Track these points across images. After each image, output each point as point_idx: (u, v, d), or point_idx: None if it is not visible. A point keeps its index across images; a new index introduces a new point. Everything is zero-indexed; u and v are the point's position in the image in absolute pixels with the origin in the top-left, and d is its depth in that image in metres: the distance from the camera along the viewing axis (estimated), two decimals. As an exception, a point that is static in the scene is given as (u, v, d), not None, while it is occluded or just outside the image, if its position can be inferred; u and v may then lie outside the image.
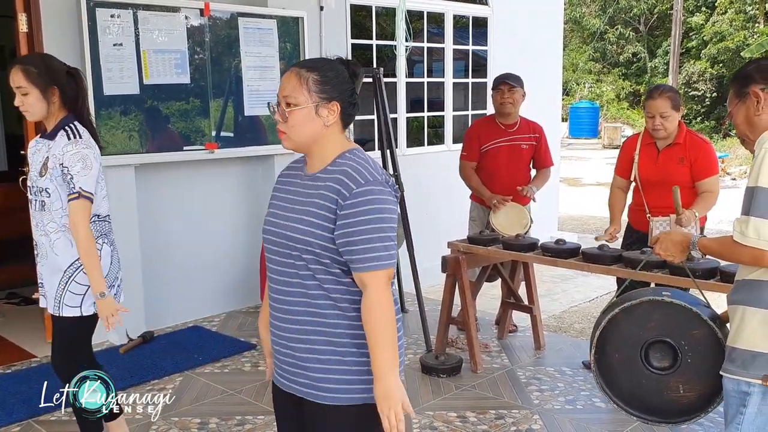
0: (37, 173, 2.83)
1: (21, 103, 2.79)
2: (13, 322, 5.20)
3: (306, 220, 1.86)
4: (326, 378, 1.89)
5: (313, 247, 1.84)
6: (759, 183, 2.00)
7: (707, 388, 2.45)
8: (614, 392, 2.72)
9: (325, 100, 1.88)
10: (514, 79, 4.61)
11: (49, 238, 2.83)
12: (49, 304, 2.89)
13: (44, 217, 2.83)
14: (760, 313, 2.07)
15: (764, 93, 2.16)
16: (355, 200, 1.81)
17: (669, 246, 2.42)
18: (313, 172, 1.94)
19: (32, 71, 2.76)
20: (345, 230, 1.81)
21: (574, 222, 10.22)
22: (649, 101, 3.82)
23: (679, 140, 3.86)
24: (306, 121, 1.87)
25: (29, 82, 2.75)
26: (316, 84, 1.87)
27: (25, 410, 3.73)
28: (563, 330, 5.36)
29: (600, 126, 25.12)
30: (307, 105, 1.86)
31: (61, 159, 2.75)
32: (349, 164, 1.87)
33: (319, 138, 1.90)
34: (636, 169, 3.96)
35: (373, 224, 1.81)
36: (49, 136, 2.84)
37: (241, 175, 5.52)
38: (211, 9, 4.99)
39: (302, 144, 1.92)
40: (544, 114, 6.60)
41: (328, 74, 1.89)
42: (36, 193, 2.84)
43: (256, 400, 3.90)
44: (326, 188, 1.86)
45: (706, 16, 24.83)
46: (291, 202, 1.94)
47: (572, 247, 3.86)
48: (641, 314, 2.60)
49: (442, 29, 7.14)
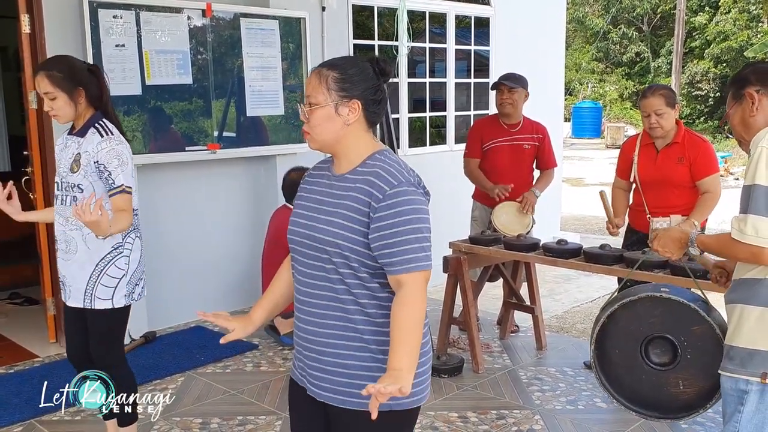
0: (67, 169, 2.88)
1: (50, 108, 2.83)
2: (16, 322, 5.21)
3: (336, 222, 1.83)
4: (352, 383, 1.87)
5: (342, 249, 1.81)
6: (756, 181, 2.02)
7: (706, 384, 2.48)
8: (614, 388, 2.75)
9: (345, 98, 1.85)
10: (514, 79, 4.60)
11: (81, 232, 2.85)
12: (77, 298, 2.92)
13: None
14: (758, 311, 2.09)
15: (759, 95, 2.20)
16: (390, 201, 1.78)
17: (667, 242, 2.44)
18: (341, 172, 1.91)
19: (57, 76, 2.80)
20: (381, 232, 1.78)
21: (576, 222, 10.21)
22: (643, 100, 3.84)
23: (678, 139, 3.85)
24: (326, 120, 1.85)
25: (56, 87, 2.79)
26: (336, 82, 1.84)
27: (28, 410, 3.74)
28: (565, 330, 5.35)
29: (603, 126, 25.08)
30: (327, 104, 1.84)
31: (95, 156, 2.81)
32: (380, 165, 1.84)
33: (342, 137, 1.87)
34: (635, 170, 3.97)
35: (409, 225, 1.78)
36: (79, 134, 2.88)
37: (243, 175, 5.53)
38: (213, 10, 5.00)
39: (326, 144, 1.89)
40: (547, 114, 6.60)
41: (349, 71, 1.86)
42: (66, 188, 2.88)
43: (257, 401, 3.91)
44: (357, 190, 1.83)
45: (709, 15, 24.79)
46: (319, 203, 1.91)
47: (573, 248, 3.86)
48: (641, 310, 2.63)
49: (444, 29, 7.14)
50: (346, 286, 1.84)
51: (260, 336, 4.87)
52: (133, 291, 2.98)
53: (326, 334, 1.88)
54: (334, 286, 1.85)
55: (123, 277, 2.92)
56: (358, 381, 1.86)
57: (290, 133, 5.55)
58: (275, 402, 3.88)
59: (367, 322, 1.86)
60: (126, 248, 2.93)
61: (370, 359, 1.86)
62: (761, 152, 2.03)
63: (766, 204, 2.00)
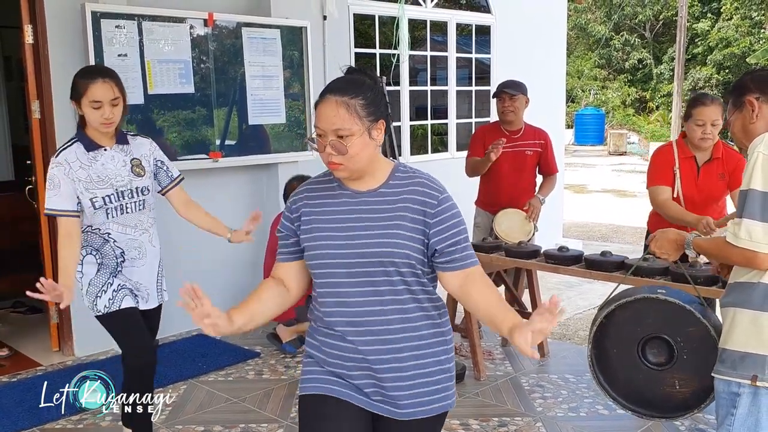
0: (128, 177, 2.95)
1: (111, 115, 2.84)
2: (19, 331, 5.23)
3: (398, 234, 1.87)
4: (409, 394, 1.92)
5: (410, 258, 1.87)
6: (751, 186, 2.05)
7: (702, 385, 2.50)
8: (611, 387, 2.78)
9: (373, 121, 1.88)
10: (515, 87, 4.61)
11: (149, 234, 3.06)
12: (154, 298, 3.12)
13: (144, 215, 3.04)
14: (750, 315, 2.11)
15: (759, 102, 2.22)
16: (444, 206, 1.91)
17: (664, 244, 2.49)
18: (369, 188, 1.94)
19: (119, 81, 2.90)
20: (444, 234, 1.89)
21: (579, 229, 10.20)
22: (701, 108, 3.57)
23: (718, 155, 3.67)
24: (364, 147, 1.86)
25: (121, 91, 2.89)
26: (363, 108, 1.86)
27: (31, 418, 3.75)
28: (567, 337, 5.35)
29: (606, 133, 25.10)
30: (362, 131, 1.85)
31: (154, 155, 3.06)
32: (418, 176, 1.96)
33: (375, 156, 1.92)
34: (678, 185, 3.71)
35: (463, 225, 1.95)
36: (122, 141, 2.98)
37: (245, 183, 5.55)
38: (214, 19, 5.03)
39: (359, 170, 1.90)
40: (548, 121, 6.60)
41: (368, 95, 1.87)
42: (134, 194, 2.96)
43: (260, 408, 3.91)
44: (408, 200, 1.90)
45: (711, 22, 24.84)
46: (356, 221, 1.91)
47: (575, 255, 3.86)
48: (637, 311, 2.66)
49: (445, 37, 7.17)
50: (411, 293, 1.91)
51: (262, 344, 4.87)
52: None
53: (398, 348, 1.91)
54: (398, 297, 1.90)
55: None
56: (418, 389, 1.93)
57: (292, 141, 5.58)
58: (277, 410, 3.88)
59: (429, 326, 1.95)
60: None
61: (431, 363, 1.95)
62: (757, 157, 2.06)
63: (761, 209, 2.02)
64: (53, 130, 4.53)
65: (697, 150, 3.67)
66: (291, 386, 4.19)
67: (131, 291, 3.00)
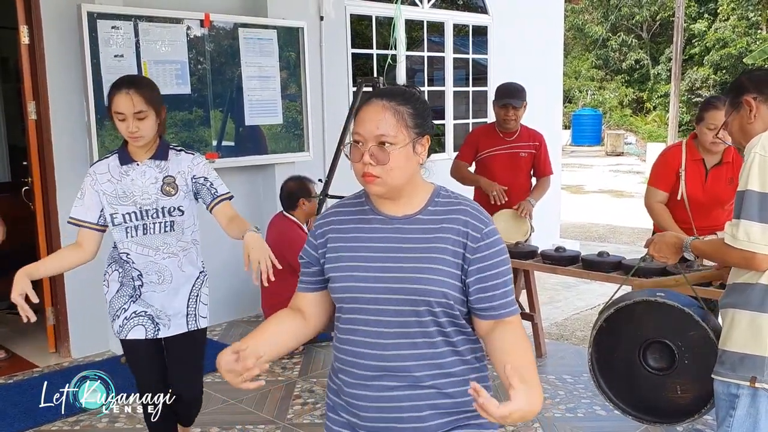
0: (156, 195, 2.70)
1: (137, 129, 2.60)
2: (15, 333, 5.21)
3: (438, 270, 1.63)
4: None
5: (448, 298, 1.63)
6: (748, 186, 2.04)
7: (704, 390, 2.48)
8: (612, 392, 2.76)
9: (420, 134, 1.68)
10: (519, 96, 4.55)
11: (177, 258, 2.77)
12: (179, 324, 2.83)
13: (172, 238, 2.75)
14: (749, 316, 2.10)
15: (757, 102, 2.21)
16: (488, 241, 1.65)
17: (662, 247, 2.49)
18: (405, 214, 1.71)
19: (148, 93, 2.64)
20: (483, 274, 1.64)
21: (576, 230, 10.21)
22: (713, 112, 3.45)
23: (728, 159, 3.59)
24: (406, 161, 1.65)
25: (149, 105, 2.62)
26: (412, 118, 1.66)
27: (27, 420, 3.74)
28: (565, 338, 5.35)
29: (603, 133, 25.14)
30: (407, 143, 1.65)
31: (192, 172, 2.76)
32: (462, 202, 1.71)
33: (413, 177, 1.70)
34: (683, 187, 3.63)
35: (506, 266, 1.67)
36: (159, 156, 2.73)
37: (242, 184, 5.54)
38: (211, 20, 5.02)
39: (397, 187, 1.68)
40: (545, 121, 6.62)
41: (418, 106, 1.68)
42: (159, 214, 2.71)
43: (256, 410, 3.90)
44: (448, 231, 1.66)
45: (708, 22, 24.90)
46: (393, 251, 1.68)
47: (572, 255, 3.87)
48: (637, 315, 2.65)
49: (442, 38, 7.17)
50: (445, 336, 1.67)
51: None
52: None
53: (418, 395, 1.67)
54: (430, 340, 1.65)
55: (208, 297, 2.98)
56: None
57: (290, 142, 5.57)
58: (274, 411, 3.88)
59: (467, 371, 1.71)
60: (205, 267, 2.97)
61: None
62: (754, 158, 2.06)
63: (759, 209, 2.01)
64: (49, 131, 4.52)
65: (707, 153, 3.60)
66: (288, 387, 4.19)
67: (151, 318, 2.80)
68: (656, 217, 3.71)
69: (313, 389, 4.17)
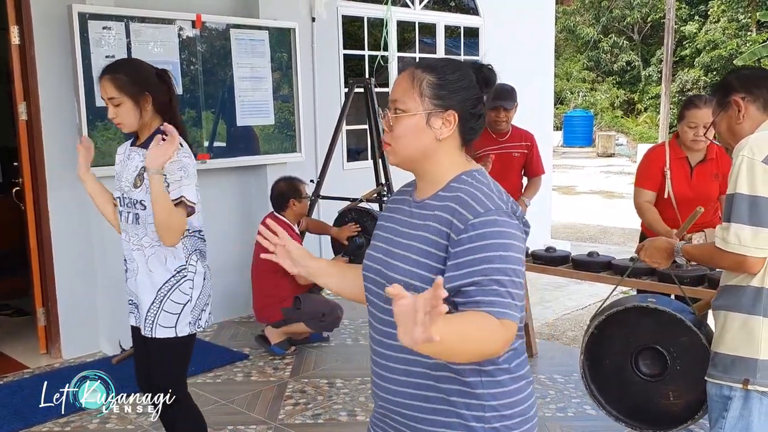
0: (130, 184, 2.63)
1: (114, 115, 2.57)
2: (6, 334, 5.19)
3: (410, 259, 1.53)
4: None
5: (417, 290, 1.38)
6: (737, 190, 2.04)
7: (696, 396, 2.47)
8: (604, 398, 2.75)
9: (440, 107, 1.54)
10: (510, 98, 4.57)
11: (143, 253, 2.63)
12: (141, 323, 2.69)
13: (138, 231, 2.63)
14: (740, 318, 2.10)
15: (745, 102, 2.20)
16: (474, 233, 1.45)
17: (654, 253, 2.47)
18: (422, 197, 1.61)
19: (122, 79, 2.56)
20: (458, 272, 1.43)
21: (567, 230, 10.25)
22: (694, 110, 3.49)
23: (712, 155, 3.63)
24: (415, 131, 1.54)
25: (120, 92, 2.55)
26: (432, 87, 1.54)
27: (18, 421, 3.73)
28: (555, 338, 5.37)
29: (594, 135, 25.23)
30: (418, 112, 1.54)
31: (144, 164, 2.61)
32: (465, 189, 1.53)
33: (431, 154, 1.57)
34: (669, 186, 3.66)
35: (497, 263, 1.42)
36: (144, 145, 2.61)
37: (233, 185, 5.54)
38: (203, 21, 5.02)
39: (409, 159, 1.58)
40: (537, 123, 6.64)
41: (449, 77, 1.55)
42: (129, 205, 2.65)
43: (248, 410, 3.90)
44: (436, 219, 1.52)
45: (699, 24, 25.02)
46: (396, 234, 1.61)
47: (562, 255, 3.88)
48: (629, 321, 2.63)
49: (434, 39, 7.19)
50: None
51: (251, 346, 4.86)
52: (200, 317, 2.72)
53: (406, 394, 1.57)
54: None
55: (188, 303, 2.66)
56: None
57: (282, 142, 5.58)
58: (266, 411, 3.88)
59: (453, 380, 1.52)
60: (190, 271, 2.67)
61: (459, 426, 1.53)
62: (742, 161, 2.05)
63: (748, 212, 2.01)
64: (40, 132, 4.51)
65: (690, 151, 3.64)
66: (279, 388, 4.19)
67: (136, 306, 2.74)
68: (645, 217, 3.73)
69: (305, 389, 4.18)
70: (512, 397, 1.55)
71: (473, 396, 1.52)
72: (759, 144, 2.06)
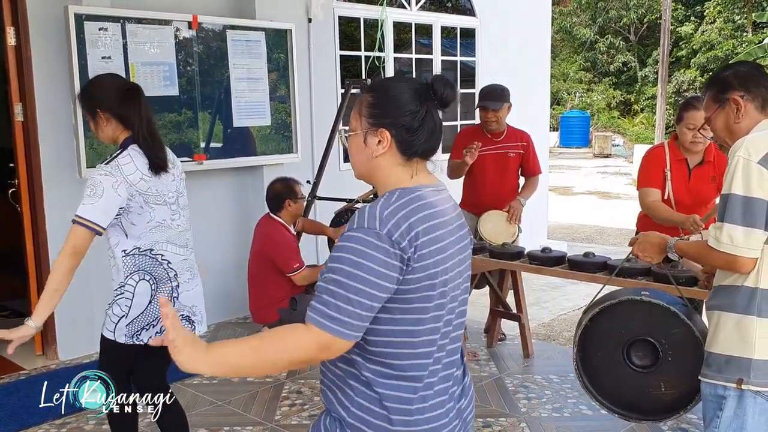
0: None
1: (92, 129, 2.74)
2: (2, 335, 5.18)
3: None
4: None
5: None
6: (732, 190, 2.05)
7: (687, 387, 2.50)
8: (597, 390, 2.78)
9: (374, 126, 1.59)
10: (497, 98, 4.56)
11: (109, 261, 2.73)
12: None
13: (105, 241, 2.70)
14: (734, 318, 2.11)
15: (744, 101, 2.18)
16: (336, 245, 1.52)
17: (646, 247, 2.49)
18: None
19: (81, 99, 2.72)
20: None
21: (563, 231, 10.26)
22: (692, 112, 3.49)
23: (710, 158, 3.65)
24: (358, 149, 1.63)
25: (83, 110, 2.71)
26: (367, 107, 1.61)
27: (13, 423, 3.73)
28: (552, 338, 5.38)
29: (591, 135, 25.26)
30: (357, 131, 1.62)
31: None
32: (364, 208, 1.54)
33: (375, 170, 1.62)
34: (670, 187, 3.67)
35: (336, 274, 1.46)
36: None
37: (230, 186, 5.54)
38: (199, 22, 5.02)
39: (360, 175, 1.68)
40: (533, 123, 6.64)
41: (381, 96, 1.60)
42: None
43: (244, 411, 3.90)
44: None
45: (695, 25, 25.06)
46: None
47: (558, 255, 3.89)
48: (621, 313, 2.66)
49: (430, 40, 7.20)
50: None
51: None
52: (139, 333, 2.71)
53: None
54: None
55: (123, 318, 2.69)
56: None
57: (279, 143, 5.58)
58: (262, 412, 3.88)
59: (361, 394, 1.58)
60: (127, 290, 2.67)
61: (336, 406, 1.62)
62: (738, 161, 2.05)
63: (742, 213, 2.02)
64: (36, 133, 4.51)
65: (688, 153, 3.65)
66: (276, 389, 4.19)
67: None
68: (658, 214, 3.62)
69: (301, 390, 4.18)
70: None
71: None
72: (755, 145, 2.06)
